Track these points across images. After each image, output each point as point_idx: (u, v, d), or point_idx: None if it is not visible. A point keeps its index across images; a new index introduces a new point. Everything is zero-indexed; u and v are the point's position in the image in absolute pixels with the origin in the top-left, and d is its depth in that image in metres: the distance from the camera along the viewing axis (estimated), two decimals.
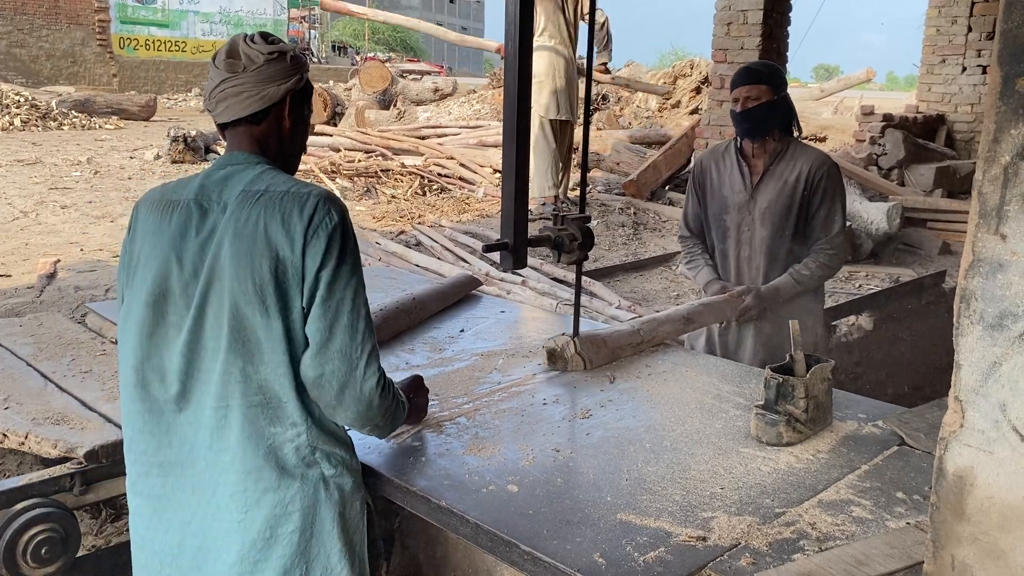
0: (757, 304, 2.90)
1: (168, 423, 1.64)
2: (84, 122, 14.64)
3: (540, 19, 7.09)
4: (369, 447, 1.93)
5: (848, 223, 6.20)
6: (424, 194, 8.73)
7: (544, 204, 7.38)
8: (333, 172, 9.28)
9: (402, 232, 6.65)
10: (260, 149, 1.70)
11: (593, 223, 6.77)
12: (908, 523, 1.60)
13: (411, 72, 19.44)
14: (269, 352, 1.57)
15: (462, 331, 2.82)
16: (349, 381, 1.60)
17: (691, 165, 7.51)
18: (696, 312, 2.78)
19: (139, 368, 1.64)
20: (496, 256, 2.43)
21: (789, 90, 2.90)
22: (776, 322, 2.97)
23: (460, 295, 3.17)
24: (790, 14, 7.16)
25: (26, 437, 2.04)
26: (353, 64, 28.70)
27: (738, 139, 2.98)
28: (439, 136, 10.51)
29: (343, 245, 1.59)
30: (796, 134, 2.96)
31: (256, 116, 1.67)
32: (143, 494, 1.68)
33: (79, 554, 1.97)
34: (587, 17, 7.16)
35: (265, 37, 1.70)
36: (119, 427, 2.00)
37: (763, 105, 2.81)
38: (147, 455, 1.67)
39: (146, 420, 1.65)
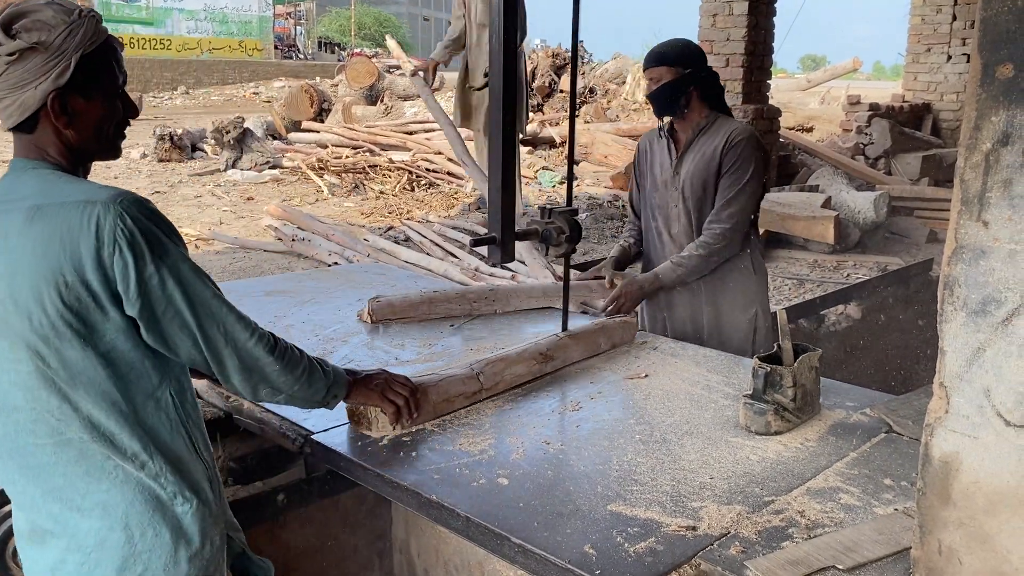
0: (634, 293, 2.86)
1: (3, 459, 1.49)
2: None
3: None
4: (360, 441, 1.93)
5: (836, 212, 6.24)
6: (412, 189, 8.72)
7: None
8: (321, 169, 9.25)
9: (391, 228, 6.64)
10: (40, 157, 1.45)
11: (581, 216, 6.77)
12: (896, 509, 1.61)
13: (398, 68, 19.37)
14: (86, 384, 1.41)
15: (452, 325, 2.82)
16: (227, 356, 1.51)
17: None
18: (559, 346, 2.40)
19: None
20: (485, 250, 2.43)
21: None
22: (685, 304, 2.98)
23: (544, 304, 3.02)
24: (776, 4, 7.17)
25: None
26: (340, 60, 28.59)
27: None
28: (427, 131, 10.48)
29: (150, 246, 1.39)
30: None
31: (24, 126, 1.43)
32: (17, 528, 1.55)
33: None
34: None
35: (8, 28, 1.38)
36: None
37: (664, 86, 2.85)
38: (8, 485, 1.52)
39: None
